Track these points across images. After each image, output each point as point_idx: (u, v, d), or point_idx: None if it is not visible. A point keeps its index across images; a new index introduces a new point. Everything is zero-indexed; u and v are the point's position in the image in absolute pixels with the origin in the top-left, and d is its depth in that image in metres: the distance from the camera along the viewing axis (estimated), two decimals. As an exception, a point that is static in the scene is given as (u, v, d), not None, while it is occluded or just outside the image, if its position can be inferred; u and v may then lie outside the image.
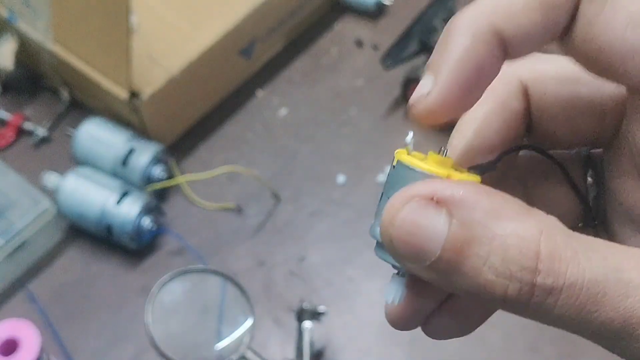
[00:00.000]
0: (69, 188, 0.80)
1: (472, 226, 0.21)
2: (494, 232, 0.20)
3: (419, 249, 0.21)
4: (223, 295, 0.75)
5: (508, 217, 0.21)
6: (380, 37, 0.96)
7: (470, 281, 0.21)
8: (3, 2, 0.86)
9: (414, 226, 0.21)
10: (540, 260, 0.20)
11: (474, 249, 0.21)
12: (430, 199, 0.21)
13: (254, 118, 0.91)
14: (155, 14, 0.87)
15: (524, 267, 0.20)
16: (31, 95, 0.93)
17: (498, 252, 0.20)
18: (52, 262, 0.81)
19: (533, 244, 0.20)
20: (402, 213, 0.21)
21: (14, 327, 0.67)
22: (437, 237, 0.21)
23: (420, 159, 0.23)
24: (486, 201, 0.21)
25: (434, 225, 0.21)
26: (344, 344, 0.75)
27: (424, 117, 0.23)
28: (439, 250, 0.21)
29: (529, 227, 0.21)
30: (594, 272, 0.20)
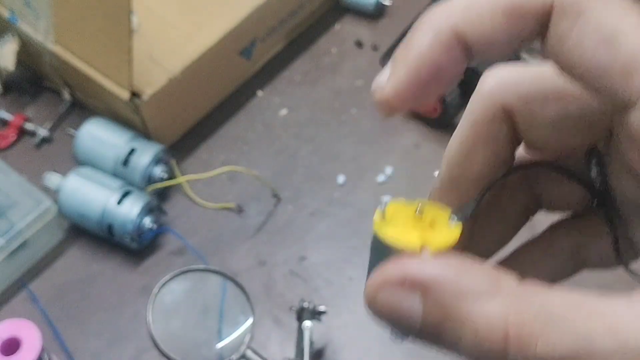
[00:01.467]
0: (70, 188, 0.80)
1: (443, 307, 0.22)
2: (464, 314, 0.21)
3: (402, 325, 0.23)
4: (223, 295, 0.75)
5: (476, 297, 0.21)
6: (380, 38, 0.96)
7: (453, 351, 0.22)
8: (4, 2, 0.87)
9: (392, 308, 0.22)
10: (508, 341, 0.21)
11: (449, 328, 0.22)
12: (402, 282, 0.22)
13: (254, 118, 0.92)
14: (156, 14, 0.87)
15: (493, 349, 0.21)
16: (32, 95, 0.93)
17: (469, 332, 0.21)
18: (53, 261, 0.82)
19: (500, 325, 0.21)
20: (379, 298, 0.23)
21: (15, 327, 0.67)
22: (415, 316, 0.22)
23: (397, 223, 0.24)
24: (454, 281, 0.22)
25: (409, 307, 0.22)
26: (344, 343, 0.75)
27: (380, 106, 0.24)
28: (419, 325, 0.22)
29: (496, 307, 0.21)
30: (564, 346, 0.20)
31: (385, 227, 0.24)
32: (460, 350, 0.22)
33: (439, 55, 0.22)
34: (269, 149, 0.89)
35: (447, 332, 0.22)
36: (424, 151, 0.87)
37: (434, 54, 0.23)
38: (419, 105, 0.24)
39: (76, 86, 0.89)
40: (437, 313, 0.22)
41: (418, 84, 0.23)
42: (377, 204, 0.25)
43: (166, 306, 0.74)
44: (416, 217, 0.24)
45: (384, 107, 0.24)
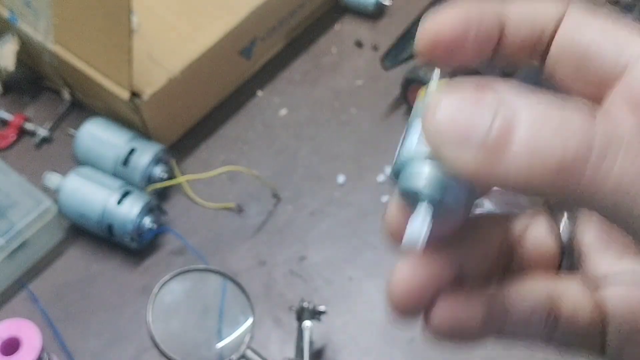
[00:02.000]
0: (70, 188, 0.80)
1: (520, 99, 0.21)
2: (544, 104, 0.20)
3: (468, 128, 0.20)
4: (223, 295, 0.75)
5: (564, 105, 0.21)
6: (380, 38, 0.96)
7: (525, 153, 0.20)
8: (4, 2, 0.87)
9: (460, 107, 0.21)
10: (594, 121, 0.20)
11: (525, 122, 0.20)
12: (477, 87, 0.21)
13: (254, 118, 0.92)
14: (156, 14, 0.88)
15: (579, 130, 0.20)
16: (32, 95, 0.93)
17: (552, 121, 0.20)
18: (53, 261, 0.82)
19: (588, 106, 0.20)
20: (446, 98, 0.21)
21: (15, 327, 0.68)
22: (486, 115, 0.20)
23: None
24: (526, 90, 0.21)
25: (482, 102, 0.20)
26: (344, 343, 0.75)
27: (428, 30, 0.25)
28: (488, 126, 0.20)
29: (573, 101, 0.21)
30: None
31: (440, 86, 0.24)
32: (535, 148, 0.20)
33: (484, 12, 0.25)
34: (269, 148, 0.89)
35: (522, 131, 0.20)
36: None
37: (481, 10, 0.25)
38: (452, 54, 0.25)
39: (76, 86, 0.89)
40: (513, 108, 0.20)
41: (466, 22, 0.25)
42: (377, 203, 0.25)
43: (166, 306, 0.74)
44: None
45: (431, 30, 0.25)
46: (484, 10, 0.26)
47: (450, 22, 0.25)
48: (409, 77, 0.87)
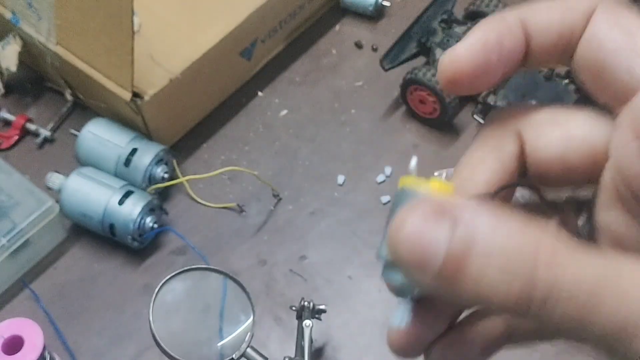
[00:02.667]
0: (72, 188, 0.80)
1: (473, 234, 0.21)
2: (494, 240, 0.21)
3: (424, 257, 0.22)
4: (224, 294, 0.75)
5: (508, 226, 0.22)
6: (380, 39, 0.97)
7: (473, 288, 0.22)
8: (6, 4, 0.87)
9: (418, 235, 0.22)
10: (538, 267, 0.21)
11: (475, 257, 0.21)
12: (435, 209, 0.22)
13: (255, 118, 0.92)
14: (157, 15, 0.88)
15: (522, 274, 0.21)
16: (35, 96, 0.94)
17: (498, 259, 0.21)
18: (55, 261, 0.82)
19: (532, 251, 0.21)
20: (407, 223, 0.22)
21: (17, 326, 0.68)
22: (441, 244, 0.22)
23: (424, 184, 0.25)
24: (487, 211, 0.22)
25: (437, 233, 0.22)
26: (344, 342, 0.76)
27: (448, 66, 0.26)
28: (442, 257, 0.22)
29: (528, 235, 0.21)
30: (593, 277, 0.21)
31: (417, 181, 0.24)
32: (482, 289, 0.21)
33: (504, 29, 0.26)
34: (269, 149, 0.90)
35: (473, 263, 0.21)
36: (423, 151, 0.88)
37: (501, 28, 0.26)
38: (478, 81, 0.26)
39: (78, 87, 0.89)
40: (465, 241, 0.21)
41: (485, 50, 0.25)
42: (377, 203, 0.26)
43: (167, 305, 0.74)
44: (441, 184, 0.25)
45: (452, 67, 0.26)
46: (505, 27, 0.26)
47: (469, 55, 0.25)
48: (408, 77, 0.87)
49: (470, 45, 0.25)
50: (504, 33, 0.25)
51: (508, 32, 0.26)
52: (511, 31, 0.26)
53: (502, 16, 0.26)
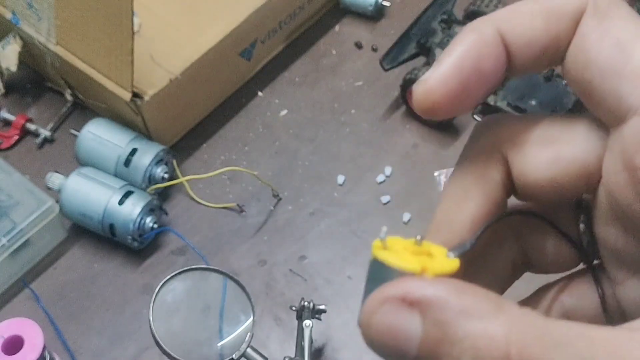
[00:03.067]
0: (71, 188, 0.80)
1: (443, 326, 0.21)
2: (464, 332, 0.21)
3: (397, 351, 0.21)
4: (224, 294, 0.75)
5: (478, 316, 0.21)
6: (380, 39, 0.97)
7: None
8: (6, 4, 0.87)
9: (389, 329, 0.21)
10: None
11: (447, 349, 0.21)
12: (402, 300, 0.21)
13: (255, 119, 0.92)
14: (157, 16, 0.88)
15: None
16: (34, 96, 0.94)
17: (469, 353, 0.20)
18: (55, 261, 0.82)
19: (502, 344, 0.20)
20: (377, 317, 0.22)
21: (17, 326, 0.68)
22: (412, 339, 0.21)
23: (397, 250, 0.24)
24: (456, 300, 0.21)
25: (408, 328, 0.21)
26: (344, 342, 0.76)
27: (422, 99, 0.24)
28: (415, 350, 0.21)
29: (498, 326, 0.20)
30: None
31: (385, 253, 0.23)
32: None
33: (481, 49, 0.23)
34: (269, 149, 0.90)
35: (445, 355, 0.21)
36: (423, 151, 0.88)
37: (477, 50, 0.23)
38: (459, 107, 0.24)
39: (78, 87, 0.89)
40: (437, 332, 0.21)
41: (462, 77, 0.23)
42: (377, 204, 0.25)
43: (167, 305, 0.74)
44: (415, 246, 0.24)
45: (426, 100, 0.24)
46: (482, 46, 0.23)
47: (444, 84, 0.23)
48: (408, 78, 0.87)
49: (444, 73, 0.23)
50: (481, 54, 0.23)
51: (486, 53, 0.23)
52: (490, 50, 0.23)
53: (478, 30, 0.24)
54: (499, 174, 0.26)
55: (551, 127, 0.25)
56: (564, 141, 0.25)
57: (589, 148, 0.24)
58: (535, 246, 0.28)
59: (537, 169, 0.25)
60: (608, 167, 0.24)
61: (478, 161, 0.26)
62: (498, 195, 0.26)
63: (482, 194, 0.26)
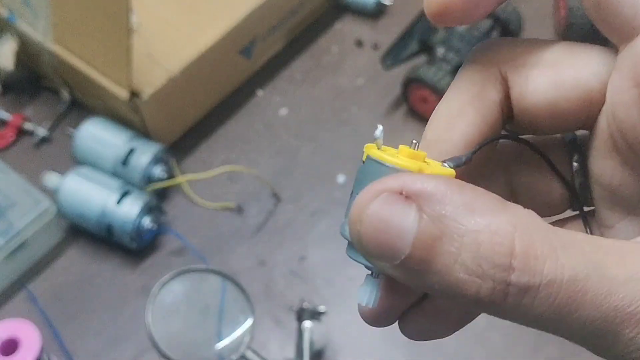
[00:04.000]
0: (69, 188, 0.80)
1: (442, 221, 0.19)
2: (465, 227, 0.19)
3: (388, 246, 0.20)
4: (223, 295, 0.75)
5: (481, 212, 0.20)
6: (381, 37, 0.96)
7: (442, 280, 0.20)
8: (3, 2, 0.86)
9: (382, 222, 0.20)
10: (514, 257, 0.19)
11: (444, 246, 0.19)
12: (399, 193, 0.20)
13: (255, 118, 0.91)
14: (156, 14, 0.87)
15: (497, 265, 0.19)
16: (31, 95, 0.93)
17: (470, 248, 0.19)
18: (53, 262, 0.82)
19: (507, 240, 0.19)
20: (370, 209, 0.20)
21: (14, 327, 0.67)
22: (407, 234, 0.20)
23: (391, 154, 0.22)
24: (458, 195, 0.20)
25: (403, 221, 0.20)
26: (344, 343, 0.75)
27: (434, 3, 0.23)
28: (409, 247, 0.20)
29: (503, 222, 0.19)
30: (573, 269, 0.19)
31: (380, 152, 0.22)
32: (453, 277, 0.19)
33: None
34: (269, 148, 0.89)
35: (442, 253, 0.19)
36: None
37: None
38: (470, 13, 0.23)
39: (75, 86, 0.89)
40: (434, 229, 0.19)
41: None
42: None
43: (166, 306, 0.73)
44: (411, 151, 0.23)
45: (438, 1, 0.23)
46: None
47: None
48: (409, 76, 0.86)
49: None
50: None
51: None
52: None
53: None
54: (497, 94, 0.24)
55: (554, 50, 0.24)
56: (566, 64, 0.24)
57: (592, 72, 0.23)
58: (526, 186, 0.26)
59: (538, 91, 0.24)
60: (614, 87, 0.22)
61: (475, 80, 0.24)
62: (494, 117, 0.24)
63: (477, 114, 0.24)
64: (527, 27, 0.93)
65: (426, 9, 0.23)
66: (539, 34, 0.93)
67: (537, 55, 0.24)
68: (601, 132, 0.24)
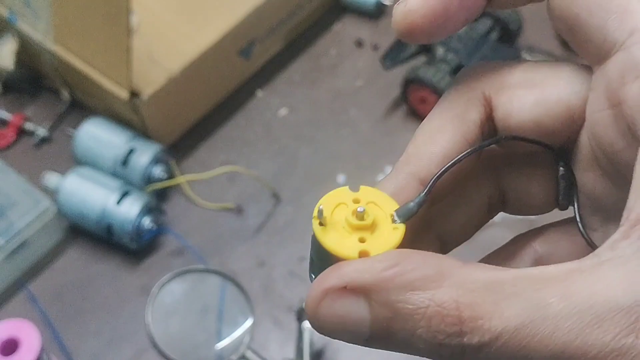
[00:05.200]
0: (69, 188, 0.80)
1: (391, 305, 0.21)
2: (413, 306, 0.21)
3: (349, 334, 0.22)
4: (223, 296, 0.75)
5: (423, 287, 0.21)
6: (380, 38, 0.96)
7: (406, 349, 0.21)
8: (3, 2, 0.86)
9: (336, 318, 0.22)
10: (463, 323, 0.20)
11: (400, 325, 0.21)
12: (343, 290, 0.21)
13: (254, 118, 0.92)
14: (155, 14, 0.87)
15: (449, 334, 0.20)
16: (32, 95, 0.93)
17: (422, 324, 0.21)
18: (53, 262, 0.82)
19: (453, 309, 0.20)
20: (321, 309, 0.22)
21: (14, 327, 0.67)
22: (362, 321, 0.21)
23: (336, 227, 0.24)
24: (398, 277, 0.21)
25: (355, 313, 0.21)
26: (344, 344, 0.75)
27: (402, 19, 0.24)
28: (367, 332, 0.21)
29: (446, 292, 0.21)
30: (518, 317, 0.20)
31: (324, 231, 0.24)
32: (415, 347, 0.21)
33: None
34: (269, 149, 0.89)
35: (399, 331, 0.21)
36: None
37: None
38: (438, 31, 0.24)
39: (75, 86, 0.89)
40: (386, 312, 0.21)
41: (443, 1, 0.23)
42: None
43: (165, 306, 0.74)
44: (358, 215, 0.24)
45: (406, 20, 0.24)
46: None
47: (425, 6, 0.23)
48: (408, 77, 0.86)
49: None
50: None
51: None
52: None
53: None
54: (478, 115, 0.25)
55: (535, 71, 0.25)
56: (548, 84, 0.25)
57: (574, 90, 0.24)
58: (513, 187, 0.27)
59: (522, 110, 0.25)
60: (592, 107, 0.23)
61: (458, 101, 0.26)
62: (473, 136, 0.25)
63: (457, 132, 0.25)
64: (526, 27, 0.93)
65: (393, 26, 0.24)
66: (539, 34, 0.93)
67: (520, 76, 0.25)
68: (583, 147, 0.25)
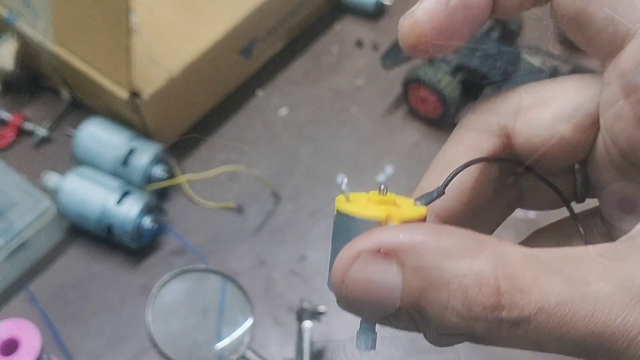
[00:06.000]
0: (69, 188, 0.80)
1: (425, 272, 0.20)
2: (449, 274, 0.20)
3: (377, 304, 0.21)
4: (223, 295, 0.75)
5: (460, 255, 0.20)
6: (381, 37, 0.96)
7: (437, 325, 0.20)
8: (3, 2, 0.86)
9: (366, 284, 0.20)
10: (501, 295, 0.20)
11: (432, 295, 0.20)
12: (377, 251, 0.20)
13: (254, 118, 0.91)
14: (156, 14, 0.87)
15: (486, 306, 0.20)
16: (31, 95, 0.93)
17: (457, 294, 0.20)
18: (53, 262, 0.82)
19: (491, 280, 0.20)
20: (351, 273, 0.21)
21: (14, 327, 0.67)
22: (393, 290, 0.20)
23: (360, 205, 0.23)
24: (434, 242, 0.20)
25: (387, 279, 0.20)
26: (344, 344, 0.75)
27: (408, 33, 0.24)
28: (397, 302, 0.20)
29: (484, 262, 0.20)
30: (558, 294, 0.20)
31: (349, 204, 0.23)
32: (446, 322, 0.20)
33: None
34: (269, 148, 0.89)
35: (432, 302, 0.20)
36: (424, 150, 0.87)
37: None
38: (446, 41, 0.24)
39: (75, 86, 0.89)
40: (419, 280, 0.20)
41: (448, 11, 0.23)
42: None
43: (166, 306, 0.73)
44: (380, 197, 0.23)
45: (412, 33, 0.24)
46: None
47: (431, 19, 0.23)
48: (409, 76, 0.86)
49: (431, 7, 0.23)
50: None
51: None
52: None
53: None
54: (491, 146, 0.26)
55: (543, 90, 0.25)
56: (560, 98, 0.25)
57: (585, 97, 0.24)
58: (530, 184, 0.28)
59: (542, 128, 0.25)
60: (605, 101, 0.23)
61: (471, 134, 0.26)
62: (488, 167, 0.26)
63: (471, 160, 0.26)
64: (526, 28, 0.93)
65: (400, 41, 0.24)
66: (539, 34, 0.93)
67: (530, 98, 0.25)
68: (598, 147, 0.25)
